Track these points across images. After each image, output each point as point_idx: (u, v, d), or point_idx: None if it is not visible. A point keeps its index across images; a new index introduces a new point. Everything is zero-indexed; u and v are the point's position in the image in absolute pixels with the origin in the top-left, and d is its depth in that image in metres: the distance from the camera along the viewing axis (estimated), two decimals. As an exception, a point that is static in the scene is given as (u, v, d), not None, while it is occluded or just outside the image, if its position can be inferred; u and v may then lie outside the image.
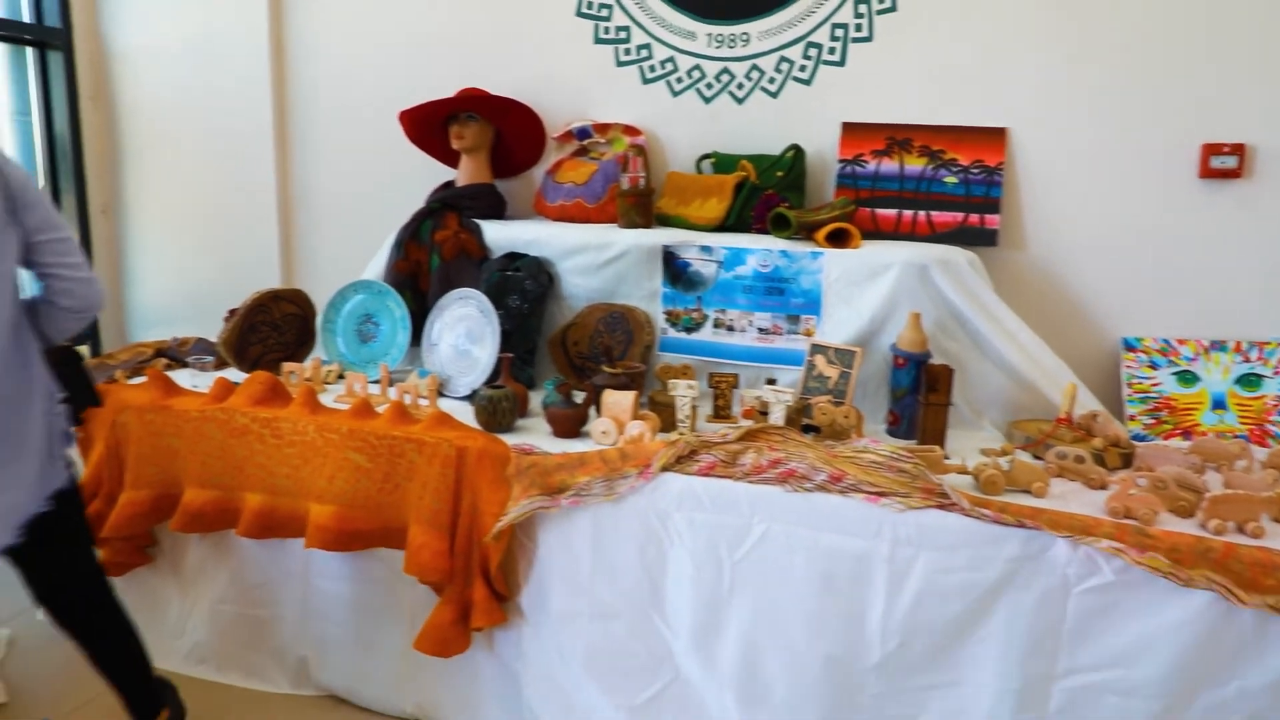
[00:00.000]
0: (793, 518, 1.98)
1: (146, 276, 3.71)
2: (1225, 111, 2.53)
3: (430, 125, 3.07)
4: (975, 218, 2.70)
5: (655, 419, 2.31)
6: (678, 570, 2.06)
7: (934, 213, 2.74)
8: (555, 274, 2.83)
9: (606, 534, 2.11)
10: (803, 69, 2.88)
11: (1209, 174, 2.56)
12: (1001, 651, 1.85)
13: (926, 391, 2.28)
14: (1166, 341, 2.63)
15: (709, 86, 2.97)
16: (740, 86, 2.94)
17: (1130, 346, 2.65)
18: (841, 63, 2.84)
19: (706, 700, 2.08)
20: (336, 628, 2.44)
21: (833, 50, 2.84)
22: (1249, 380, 2.54)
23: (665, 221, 2.89)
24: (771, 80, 2.91)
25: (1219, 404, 2.54)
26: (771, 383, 2.48)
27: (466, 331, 2.74)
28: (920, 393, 2.32)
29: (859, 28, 2.81)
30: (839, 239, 2.60)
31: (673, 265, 2.71)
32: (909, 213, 2.76)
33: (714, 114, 2.98)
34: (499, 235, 2.92)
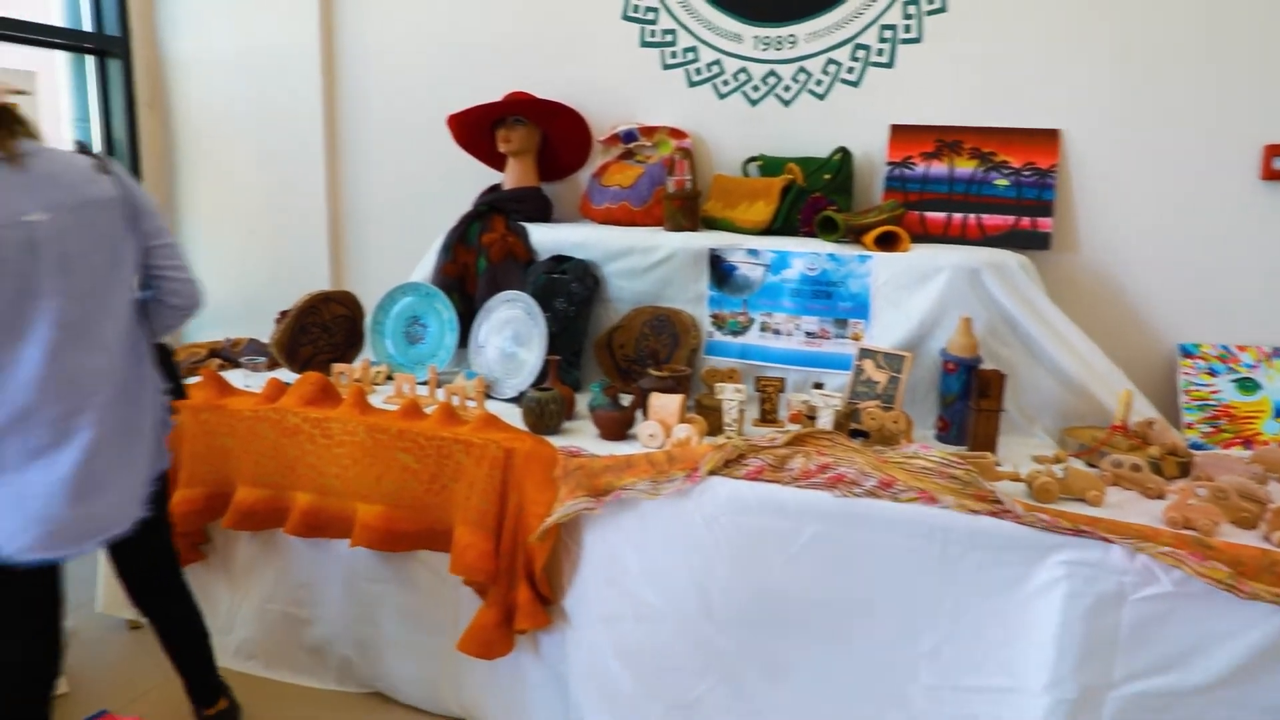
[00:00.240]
0: (842, 522, 1.97)
1: (200, 278, 3.78)
2: (1289, 112, 2.48)
3: (478, 129, 3.09)
4: (1027, 221, 2.66)
5: (702, 422, 2.31)
6: (725, 569, 2.06)
7: (984, 216, 2.70)
8: (601, 277, 2.83)
9: (653, 535, 2.11)
10: (850, 71, 2.86)
11: (1271, 175, 2.50)
12: (1055, 657, 1.81)
13: (977, 397, 2.25)
14: (1226, 348, 2.56)
15: (755, 89, 2.96)
16: (787, 89, 2.93)
17: (1187, 353, 2.59)
18: (890, 64, 2.82)
19: (756, 696, 2.08)
20: (380, 629, 2.47)
21: (881, 52, 2.82)
22: (1312, 387, 2.47)
23: (711, 224, 2.89)
24: (819, 82, 2.89)
25: (1281, 412, 2.48)
26: (818, 387, 2.46)
27: (513, 334, 2.76)
28: (971, 398, 2.29)
29: (908, 29, 2.78)
30: (887, 242, 2.57)
31: (719, 268, 2.71)
32: (959, 216, 2.73)
33: (760, 116, 2.97)
34: (545, 238, 2.94)
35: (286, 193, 3.56)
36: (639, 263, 2.78)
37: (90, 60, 3.46)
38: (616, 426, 2.32)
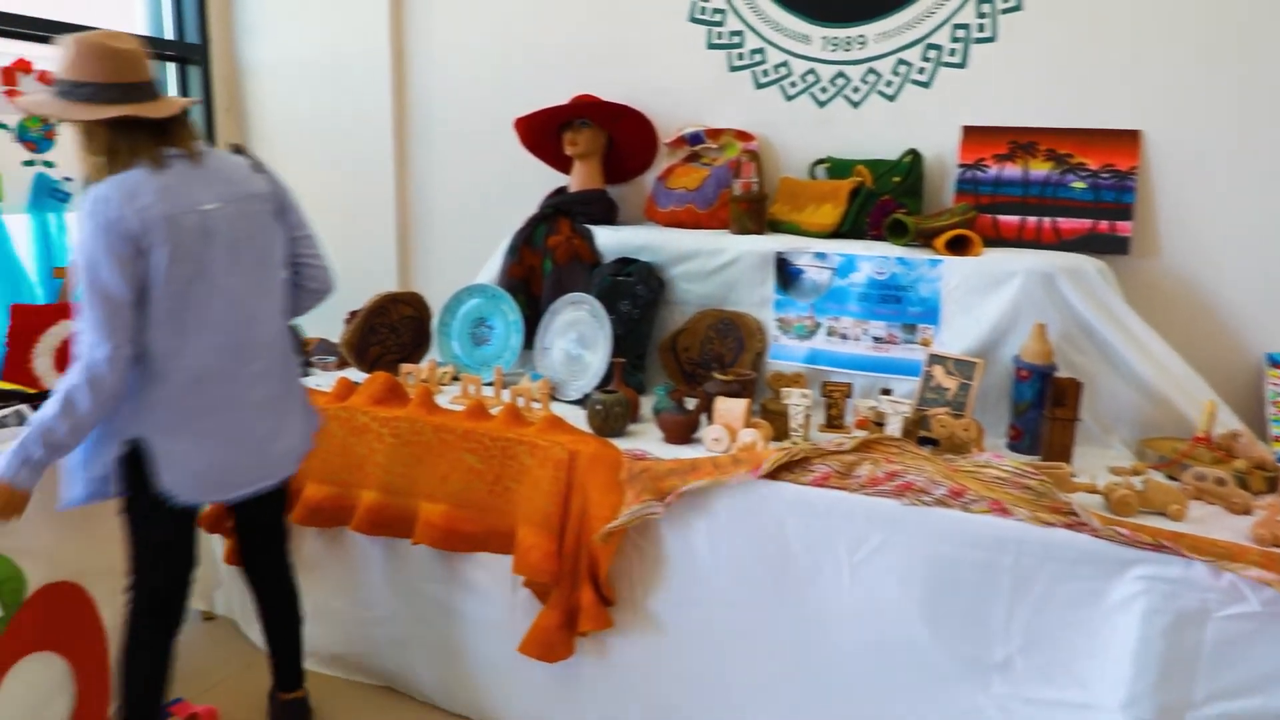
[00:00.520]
0: (911, 530, 1.94)
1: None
2: (1388, 111, 2.37)
3: (545, 132, 3.11)
4: (1105, 224, 2.59)
5: (768, 427, 2.29)
6: (797, 565, 2.05)
7: (1060, 219, 2.63)
8: (666, 280, 2.83)
9: (722, 536, 2.11)
10: (921, 71, 2.81)
11: (1368, 178, 2.39)
12: (1132, 675, 1.76)
13: (1052, 406, 2.19)
14: (1316, 357, 2.46)
15: (823, 90, 2.93)
16: (856, 90, 2.89)
17: (1276, 362, 2.48)
18: (962, 64, 2.76)
19: (831, 684, 2.06)
20: (439, 632, 2.49)
21: (953, 52, 2.76)
22: None
23: (778, 228, 2.86)
24: (889, 83, 2.85)
25: (1376, 425, 2.37)
26: (886, 393, 2.42)
27: (578, 336, 2.77)
28: (1045, 407, 2.23)
29: (981, 28, 2.72)
30: (959, 246, 2.52)
31: (785, 272, 2.68)
32: (1033, 219, 2.66)
33: (828, 118, 2.93)
34: (611, 240, 2.94)
35: (356, 195, 3.63)
36: (704, 265, 2.77)
37: (171, 67, 3.57)
38: (681, 430, 2.32)
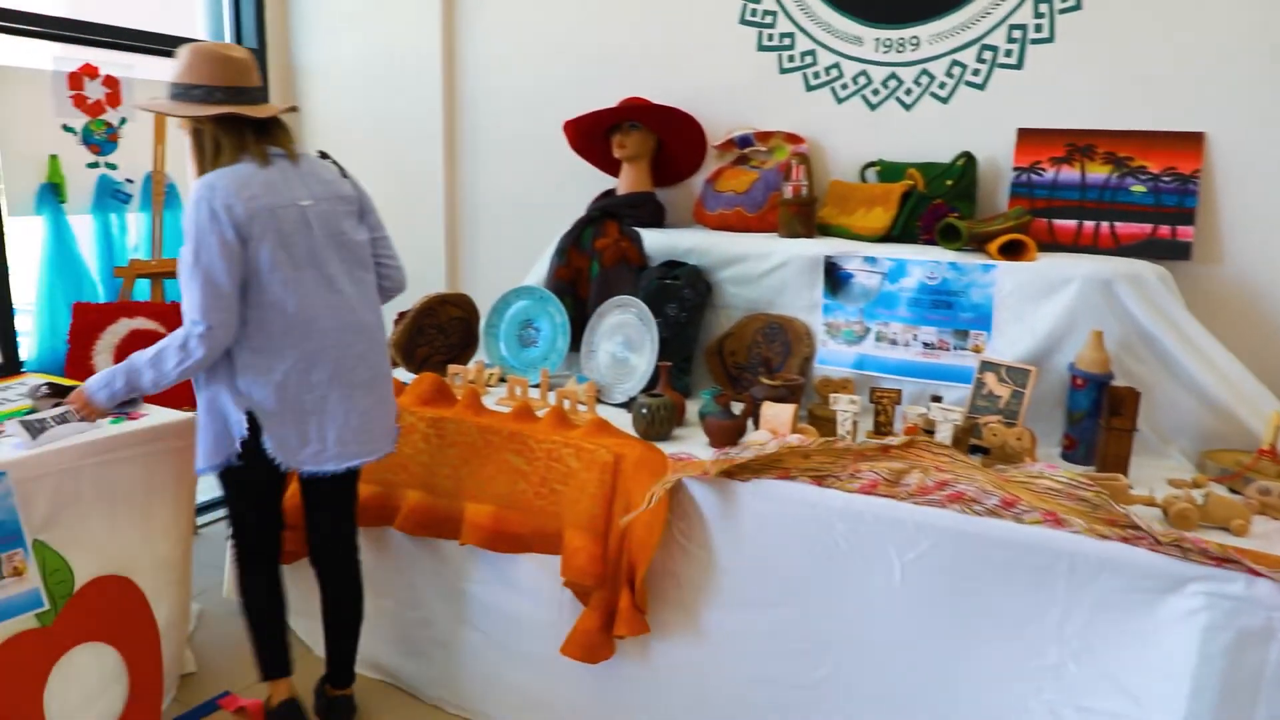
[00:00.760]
0: (963, 540, 1.90)
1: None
2: None
3: (593, 134, 3.12)
4: (1166, 229, 2.52)
5: (815, 433, 2.26)
6: (846, 564, 2.03)
7: (1118, 224, 2.57)
8: (713, 283, 2.82)
9: (770, 536, 2.10)
10: (976, 73, 2.76)
11: None
12: (1190, 693, 1.71)
13: (1109, 415, 2.14)
14: (1389, 368, 2.37)
15: (875, 93, 2.89)
16: (908, 92, 2.85)
17: (1345, 372, 2.40)
18: (1019, 65, 2.71)
19: (879, 683, 2.04)
20: (483, 633, 2.50)
21: (1009, 53, 2.71)
22: None
23: (827, 231, 2.84)
24: (942, 85, 2.81)
25: None
26: (937, 400, 2.38)
27: (625, 339, 2.77)
28: (1101, 416, 2.18)
29: (1039, 28, 2.67)
30: (1013, 251, 2.47)
31: (834, 276, 2.66)
32: (1090, 224, 2.60)
33: (879, 121, 2.90)
34: (658, 243, 2.94)
35: (407, 196, 3.66)
36: (752, 269, 2.76)
37: (229, 70, 3.64)
38: (727, 435, 2.30)
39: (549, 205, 3.35)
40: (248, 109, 1.98)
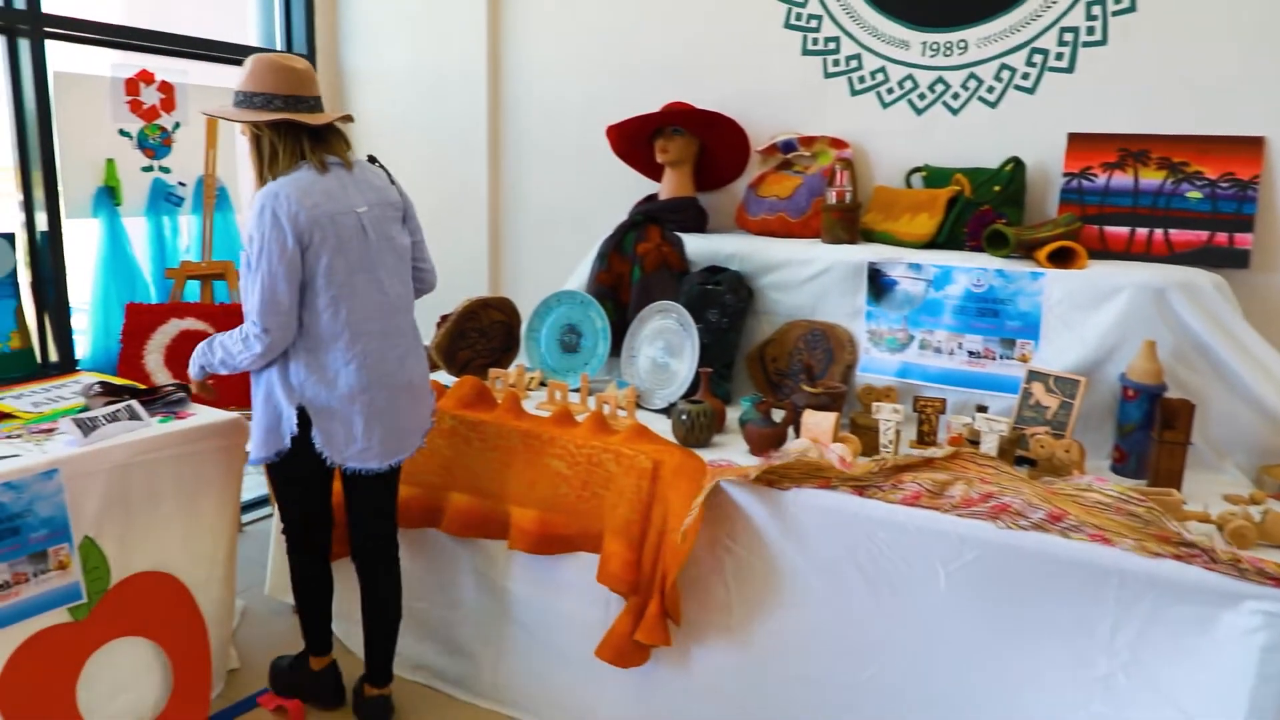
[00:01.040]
0: (1008, 552, 1.87)
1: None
2: None
3: (636, 139, 3.12)
4: (1223, 236, 2.45)
5: (856, 442, 2.24)
6: (891, 570, 2.01)
7: (1173, 231, 2.50)
8: (755, 289, 2.80)
9: (814, 543, 2.08)
10: (1025, 76, 2.71)
11: None
12: (1247, 711, 1.66)
13: (1161, 428, 2.08)
14: None
15: (921, 97, 2.86)
16: (956, 96, 2.81)
17: None
18: (1070, 69, 2.65)
19: (927, 685, 2.01)
20: (528, 632, 2.50)
21: (1060, 56, 2.66)
22: None
23: (871, 237, 2.81)
24: (990, 89, 2.76)
25: None
26: (982, 410, 2.34)
27: (665, 345, 2.76)
28: (1153, 429, 2.12)
29: (1091, 30, 2.61)
30: (1062, 258, 2.42)
31: (878, 283, 2.62)
32: (1143, 231, 2.54)
33: (926, 125, 2.86)
34: (700, 248, 2.93)
35: (450, 200, 3.70)
36: (795, 275, 2.74)
37: (279, 76, 3.70)
38: (768, 443, 2.28)
39: (591, 210, 3.36)
40: (304, 117, 2.07)
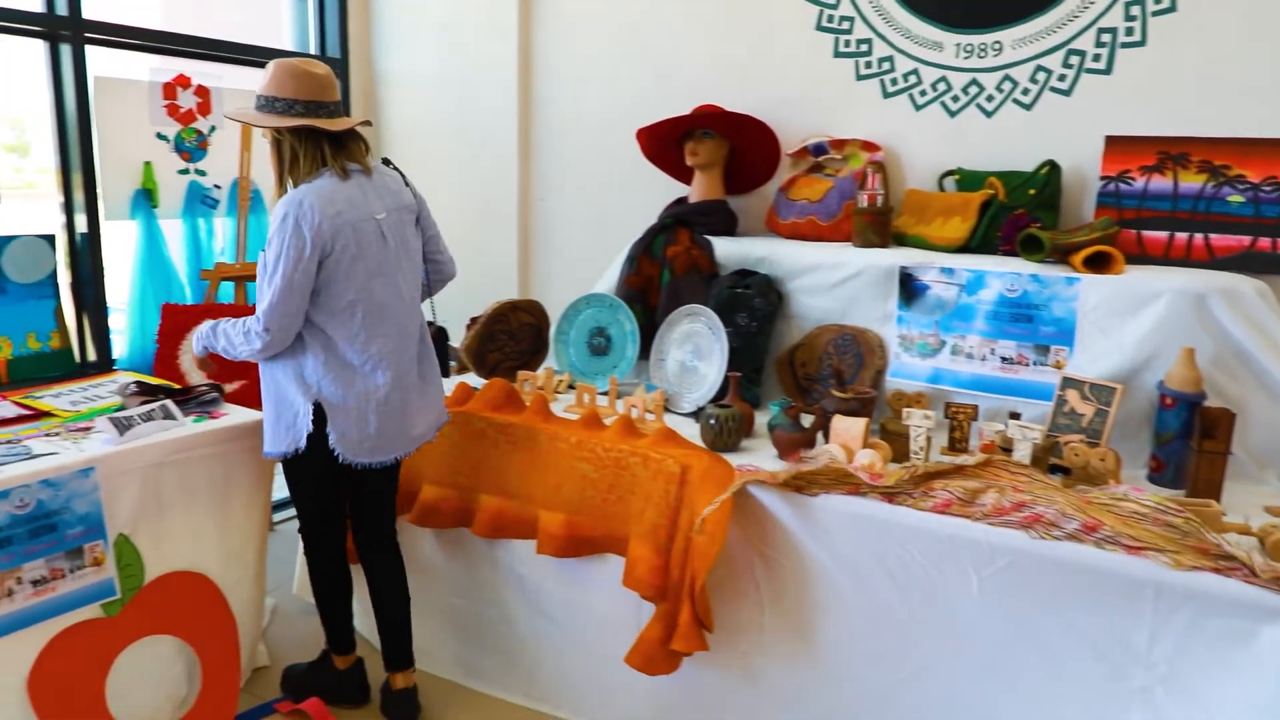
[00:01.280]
0: (1042, 561, 1.84)
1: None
2: None
3: (666, 142, 3.11)
4: (1265, 241, 2.40)
5: (886, 448, 2.22)
6: (922, 575, 1.99)
7: (1213, 235, 2.45)
8: (785, 293, 2.78)
9: (844, 544, 2.07)
10: (1061, 78, 2.67)
11: None
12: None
13: (1200, 437, 2.04)
14: None
15: (955, 99, 2.82)
16: (990, 99, 2.77)
17: None
18: (1107, 70, 2.61)
19: (961, 686, 1.99)
20: (561, 629, 2.50)
21: (1097, 57, 2.62)
22: None
23: (903, 241, 2.78)
24: (1025, 91, 2.72)
25: None
26: (1015, 417, 2.31)
27: (694, 348, 2.75)
28: (1192, 438, 2.08)
29: (1130, 31, 2.57)
30: (1098, 263, 2.38)
31: (909, 287, 2.60)
32: (1183, 235, 2.49)
33: (959, 128, 2.83)
34: (730, 252, 2.92)
35: (481, 203, 3.71)
36: (825, 279, 2.72)
37: (313, 79, 3.74)
38: (796, 448, 2.26)
39: (621, 213, 3.36)
40: (323, 122, 2.10)
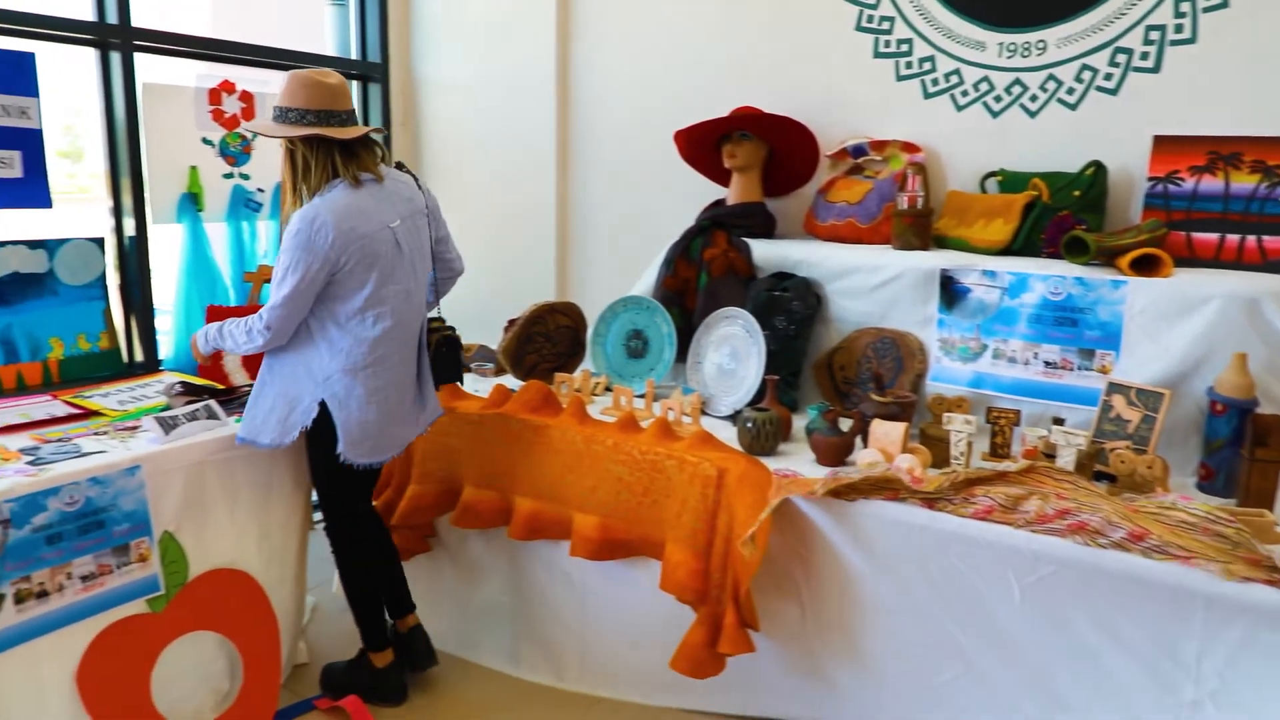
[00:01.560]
0: (1086, 570, 1.80)
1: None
2: None
3: (704, 144, 3.10)
4: (1321, 244, 2.33)
5: (926, 453, 2.19)
6: (962, 582, 1.97)
7: (1267, 238, 2.39)
8: (824, 295, 2.76)
9: (884, 549, 2.06)
10: (1108, 77, 2.62)
11: None
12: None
13: (1253, 445, 1.99)
14: None
15: (998, 99, 2.78)
16: (1034, 99, 2.73)
17: None
18: (1156, 69, 2.56)
19: (1002, 695, 1.97)
20: (608, 628, 2.51)
21: (1145, 55, 2.56)
22: None
23: (943, 244, 2.75)
24: (1070, 90, 2.68)
25: None
26: (1058, 423, 2.27)
27: (731, 351, 2.74)
28: (1244, 445, 2.03)
29: (1179, 29, 2.51)
30: (1146, 266, 2.34)
31: (950, 290, 2.56)
32: (1234, 237, 2.43)
33: (1002, 129, 2.78)
34: (768, 254, 2.90)
35: (519, 205, 3.73)
36: (864, 282, 2.69)
37: (355, 85, 3.79)
38: (834, 452, 2.25)
39: (658, 215, 3.35)
40: (333, 131, 2.13)
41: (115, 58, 2.86)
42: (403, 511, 2.65)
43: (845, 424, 2.32)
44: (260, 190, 3.30)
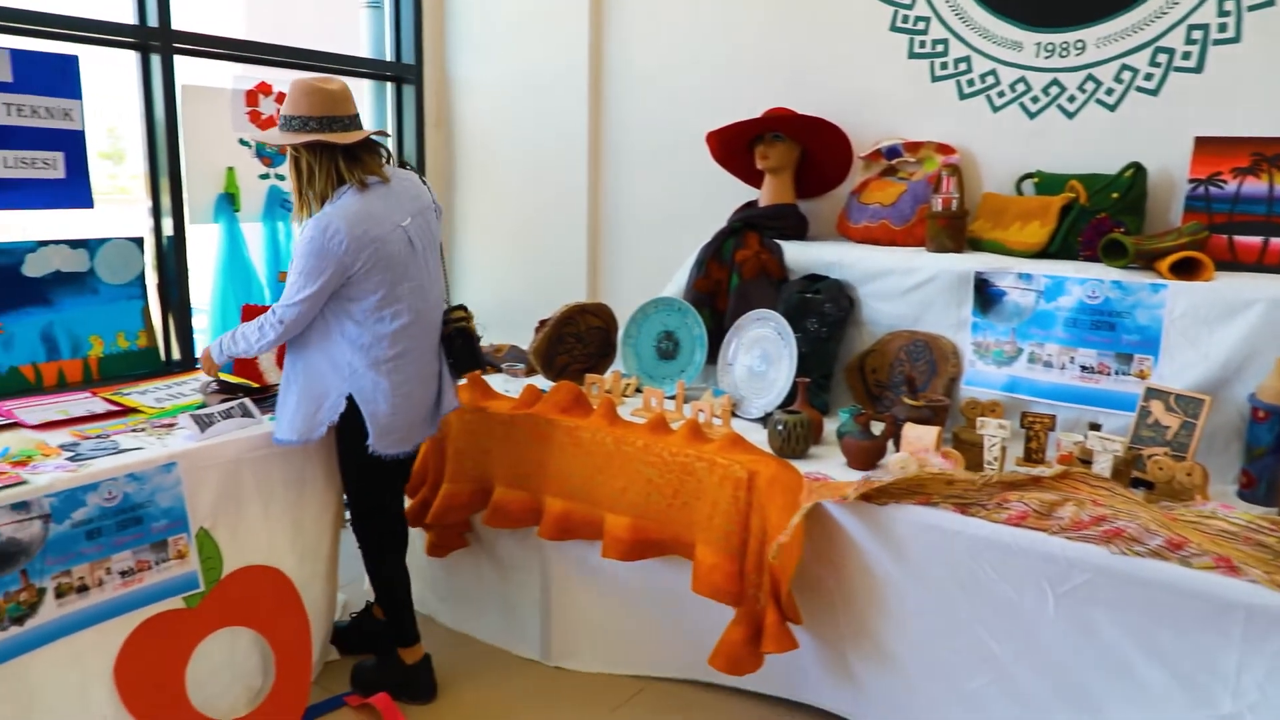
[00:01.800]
0: (1121, 579, 1.77)
1: (469, 285, 4.06)
2: None
3: (736, 146, 3.09)
4: (1369, 248, 2.28)
5: (960, 458, 2.16)
6: (995, 589, 1.95)
7: (1312, 241, 2.34)
8: (856, 298, 2.75)
9: (915, 554, 2.04)
10: (1148, 77, 2.58)
11: None
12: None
13: (1296, 452, 1.95)
14: None
15: (1034, 100, 2.75)
16: (1072, 99, 2.69)
17: None
18: (1198, 69, 2.51)
19: (1034, 703, 1.95)
20: (640, 620, 2.51)
21: (1187, 55, 2.52)
22: None
23: (978, 246, 2.72)
24: (1109, 91, 2.63)
25: None
26: (1095, 428, 2.23)
27: (763, 353, 2.73)
28: (1287, 453, 1.99)
29: (1223, 28, 2.47)
30: (1186, 270, 2.30)
31: (985, 293, 2.54)
32: (1278, 241, 2.38)
33: (1039, 130, 2.75)
34: (800, 256, 2.89)
35: (551, 206, 3.74)
36: (897, 284, 2.67)
37: (389, 86, 3.82)
38: (866, 456, 2.23)
39: (690, 216, 3.34)
40: (334, 136, 2.16)
41: (155, 60, 2.90)
42: (437, 510, 2.67)
43: (877, 428, 2.30)
44: (296, 191, 3.34)
